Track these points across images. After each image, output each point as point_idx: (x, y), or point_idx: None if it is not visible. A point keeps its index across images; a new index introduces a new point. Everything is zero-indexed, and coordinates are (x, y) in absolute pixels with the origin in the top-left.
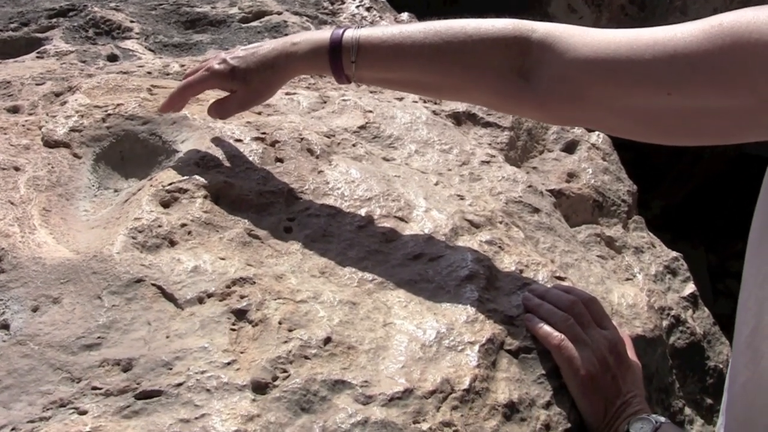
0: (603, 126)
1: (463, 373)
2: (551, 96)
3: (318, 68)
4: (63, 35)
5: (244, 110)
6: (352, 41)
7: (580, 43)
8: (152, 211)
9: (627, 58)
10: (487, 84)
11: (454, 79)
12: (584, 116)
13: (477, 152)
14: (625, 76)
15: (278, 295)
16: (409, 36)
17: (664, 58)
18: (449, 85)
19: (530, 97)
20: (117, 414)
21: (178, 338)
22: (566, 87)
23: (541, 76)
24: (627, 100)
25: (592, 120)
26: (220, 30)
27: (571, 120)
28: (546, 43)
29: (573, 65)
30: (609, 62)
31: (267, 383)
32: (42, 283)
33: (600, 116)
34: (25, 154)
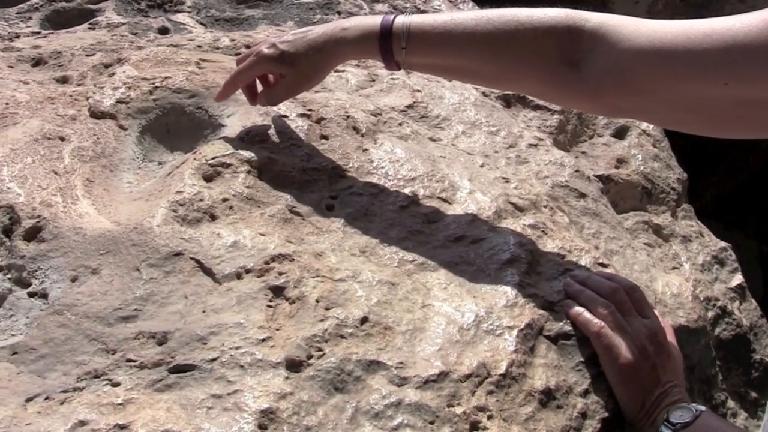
0: (655, 118)
1: (500, 357)
2: (602, 86)
3: (367, 53)
4: (115, 7)
5: (293, 96)
6: (403, 27)
7: (634, 32)
8: (194, 185)
9: (683, 48)
10: (538, 73)
11: (505, 68)
12: (635, 107)
13: (525, 135)
14: (680, 66)
15: (317, 273)
16: (460, 23)
17: (721, 47)
18: (499, 73)
19: (581, 88)
20: (149, 387)
21: (214, 313)
22: (618, 77)
23: (592, 66)
24: (681, 90)
25: (644, 111)
26: (271, 5)
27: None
28: (599, 32)
29: (626, 55)
30: (664, 52)
31: (301, 361)
32: (82, 253)
33: (652, 107)
34: (71, 125)
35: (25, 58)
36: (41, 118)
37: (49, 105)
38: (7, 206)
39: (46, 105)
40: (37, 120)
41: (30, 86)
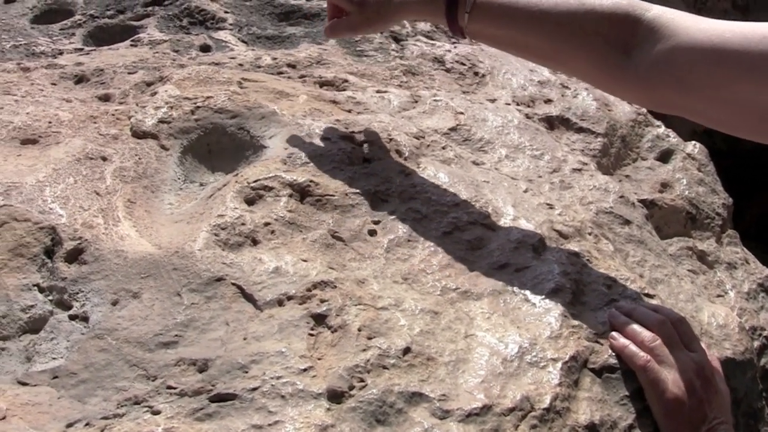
0: (701, 116)
1: (544, 391)
2: (653, 78)
3: (432, 14)
4: (157, 24)
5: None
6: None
7: (692, 27)
8: (236, 209)
9: (739, 47)
10: (591, 56)
11: (560, 46)
12: (683, 103)
13: (569, 159)
14: (734, 66)
15: (359, 301)
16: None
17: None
18: (554, 51)
19: (631, 76)
20: (190, 416)
21: (255, 341)
22: (670, 69)
23: (646, 56)
24: (732, 90)
25: (690, 108)
26: (313, 23)
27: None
28: (657, 22)
29: (681, 48)
30: (719, 49)
31: (343, 392)
32: (123, 276)
33: (700, 105)
34: (113, 144)
35: (67, 75)
36: (83, 138)
37: (91, 124)
38: (49, 227)
39: (89, 124)
40: (80, 139)
41: (72, 104)
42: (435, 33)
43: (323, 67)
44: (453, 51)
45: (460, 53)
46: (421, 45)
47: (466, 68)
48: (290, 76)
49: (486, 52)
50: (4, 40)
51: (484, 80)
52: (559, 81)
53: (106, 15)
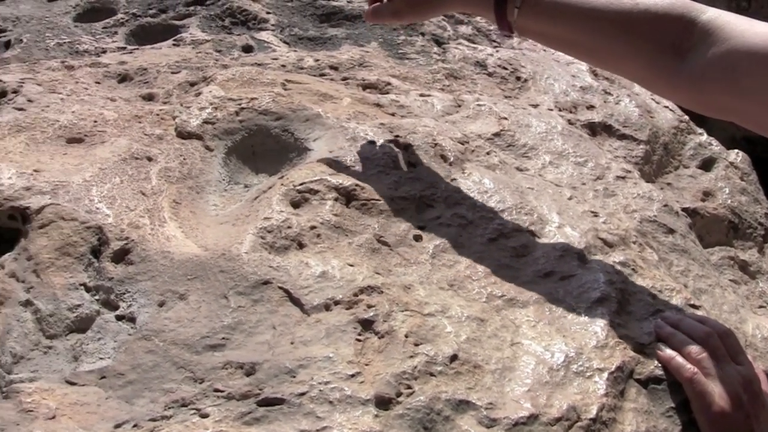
0: (753, 122)
1: (590, 401)
2: (706, 81)
3: (481, 7)
4: (200, 23)
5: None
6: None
7: (749, 31)
8: (282, 211)
9: None
10: (644, 57)
11: (612, 45)
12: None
13: (612, 167)
14: None
15: (406, 307)
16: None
17: None
18: (605, 51)
19: (683, 79)
20: (238, 420)
21: (302, 345)
22: (724, 72)
23: (700, 59)
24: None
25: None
26: (355, 25)
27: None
28: (713, 25)
29: (736, 51)
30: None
31: (391, 399)
32: (169, 278)
33: (753, 111)
34: (158, 145)
35: (111, 74)
36: (129, 137)
37: (136, 123)
38: (96, 227)
39: (134, 123)
40: (125, 139)
41: (117, 103)
42: (477, 37)
43: (366, 70)
44: (495, 55)
45: (502, 57)
46: (462, 48)
47: (508, 72)
48: (333, 78)
49: (528, 57)
50: (48, 38)
51: (526, 85)
52: (601, 87)
53: (149, 14)
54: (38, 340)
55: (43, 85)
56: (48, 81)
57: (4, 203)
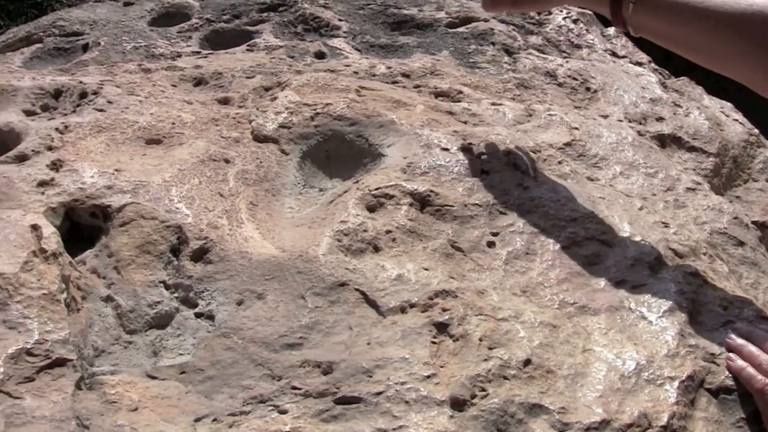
0: None
1: (661, 408)
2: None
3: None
4: (273, 29)
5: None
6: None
7: None
8: (358, 215)
9: None
10: (757, 58)
11: (725, 46)
12: None
13: (682, 178)
14: None
15: (480, 311)
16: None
17: None
18: (718, 50)
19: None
20: (316, 417)
21: (379, 346)
22: None
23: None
24: None
25: None
26: (426, 33)
27: None
28: None
29: None
30: None
31: (465, 400)
32: (247, 277)
33: None
34: (235, 147)
35: (187, 77)
36: (206, 140)
37: (213, 126)
38: (175, 226)
39: (211, 126)
40: (203, 141)
41: (194, 106)
42: (547, 47)
43: (437, 78)
44: (565, 65)
45: (571, 68)
46: (533, 58)
47: (578, 83)
48: (405, 86)
49: (597, 68)
50: (124, 41)
51: (596, 96)
52: (671, 99)
53: (222, 19)
54: (119, 334)
55: (121, 87)
56: (126, 83)
57: (87, 201)
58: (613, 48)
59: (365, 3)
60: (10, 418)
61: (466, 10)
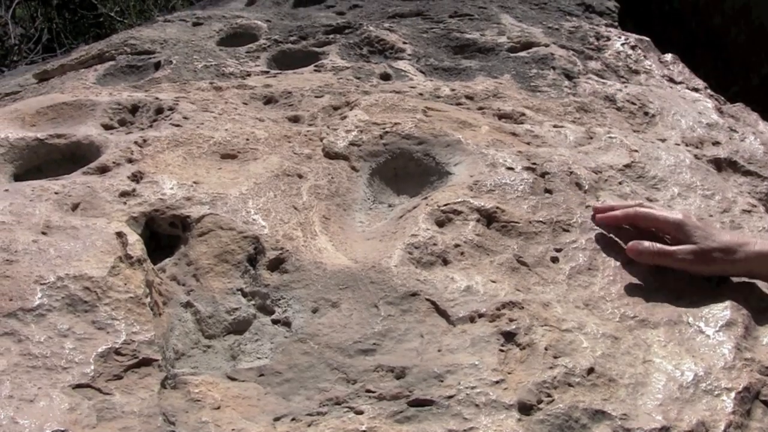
0: None
1: (718, 417)
2: None
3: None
4: (339, 51)
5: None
6: None
7: None
8: (428, 229)
9: None
10: None
11: None
12: None
13: (738, 200)
14: None
15: (545, 322)
16: None
17: None
18: None
19: None
20: (390, 417)
21: (449, 353)
22: None
23: None
24: None
25: None
26: (488, 57)
27: None
28: None
29: None
30: None
31: (532, 405)
32: (322, 286)
33: None
34: (307, 163)
35: (257, 96)
36: (280, 155)
37: (285, 143)
38: (252, 237)
39: (283, 143)
40: (276, 157)
41: (266, 123)
42: (606, 72)
43: (500, 101)
44: (624, 90)
45: (630, 93)
46: (592, 83)
47: (637, 108)
48: (469, 108)
49: (655, 93)
50: (195, 60)
51: (654, 120)
52: (727, 124)
53: (290, 41)
54: (198, 339)
55: (196, 103)
56: (200, 100)
57: (167, 211)
58: (670, 74)
59: (429, 27)
60: (101, 412)
61: (527, 36)
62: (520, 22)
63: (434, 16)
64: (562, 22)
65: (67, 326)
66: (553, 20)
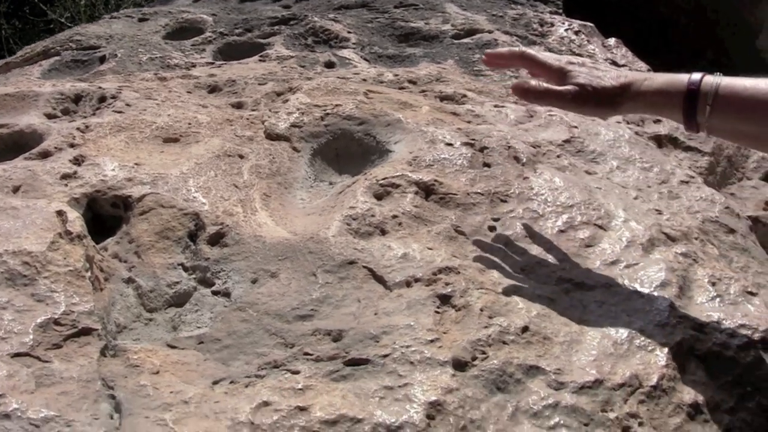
0: None
1: (651, 371)
2: None
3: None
4: (284, 42)
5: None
6: (712, 86)
7: None
8: (366, 202)
9: None
10: None
11: None
12: None
13: (677, 172)
14: None
15: (481, 286)
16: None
17: None
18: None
19: None
20: (326, 376)
21: (385, 315)
22: None
23: None
24: None
25: None
26: (432, 44)
27: None
28: None
29: None
30: None
31: (467, 362)
32: (261, 258)
33: None
34: (249, 144)
35: (202, 84)
36: (221, 138)
37: (228, 126)
38: (193, 213)
39: (225, 126)
40: (218, 139)
41: (209, 109)
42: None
43: (443, 84)
44: None
45: None
46: None
47: None
48: (411, 91)
49: None
50: (140, 53)
51: None
52: None
53: (235, 33)
54: (140, 313)
55: (139, 92)
56: (143, 89)
57: (108, 192)
58: (613, 57)
59: (374, 17)
60: (40, 378)
61: (471, 23)
62: (464, 10)
63: (379, 6)
64: (506, 9)
65: (6, 299)
66: (498, 8)
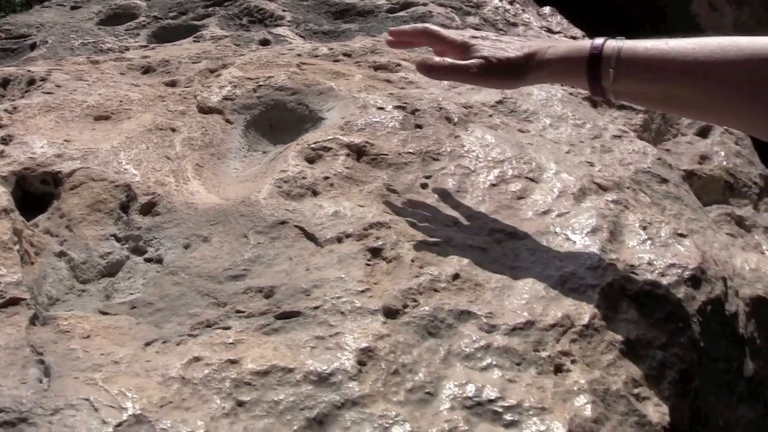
0: None
1: (583, 311)
2: None
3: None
4: (218, 22)
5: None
6: (614, 49)
7: None
8: (297, 165)
9: None
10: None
11: (722, 99)
12: None
13: (609, 128)
14: None
15: (412, 238)
16: (676, 48)
17: None
18: (714, 104)
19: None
20: (258, 330)
21: (317, 270)
22: None
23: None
24: None
25: None
26: (367, 19)
27: None
28: None
29: None
30: None
31: (398, 310)
32: (194, 224)
33: None
34: (181, 118)
35: (135, 66)
36: (153, 113)
37: (160, 102)
38: (124, 185)
39: (157, 102)
40: (150, 114)
41: (141, 88)
42: (483, 26)
43: (377, 55)
44: None
45: None
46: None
47: None
48: (345, 63)
49: (531, 37)
50: (72, 39)
51: None
52: None
53: (169, 16)
54: (72, 285)
55: (70, 74)
56: (75, 71)
57: (37, 169)
58: (548, 25)
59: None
60: None
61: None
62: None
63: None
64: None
65: None
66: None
